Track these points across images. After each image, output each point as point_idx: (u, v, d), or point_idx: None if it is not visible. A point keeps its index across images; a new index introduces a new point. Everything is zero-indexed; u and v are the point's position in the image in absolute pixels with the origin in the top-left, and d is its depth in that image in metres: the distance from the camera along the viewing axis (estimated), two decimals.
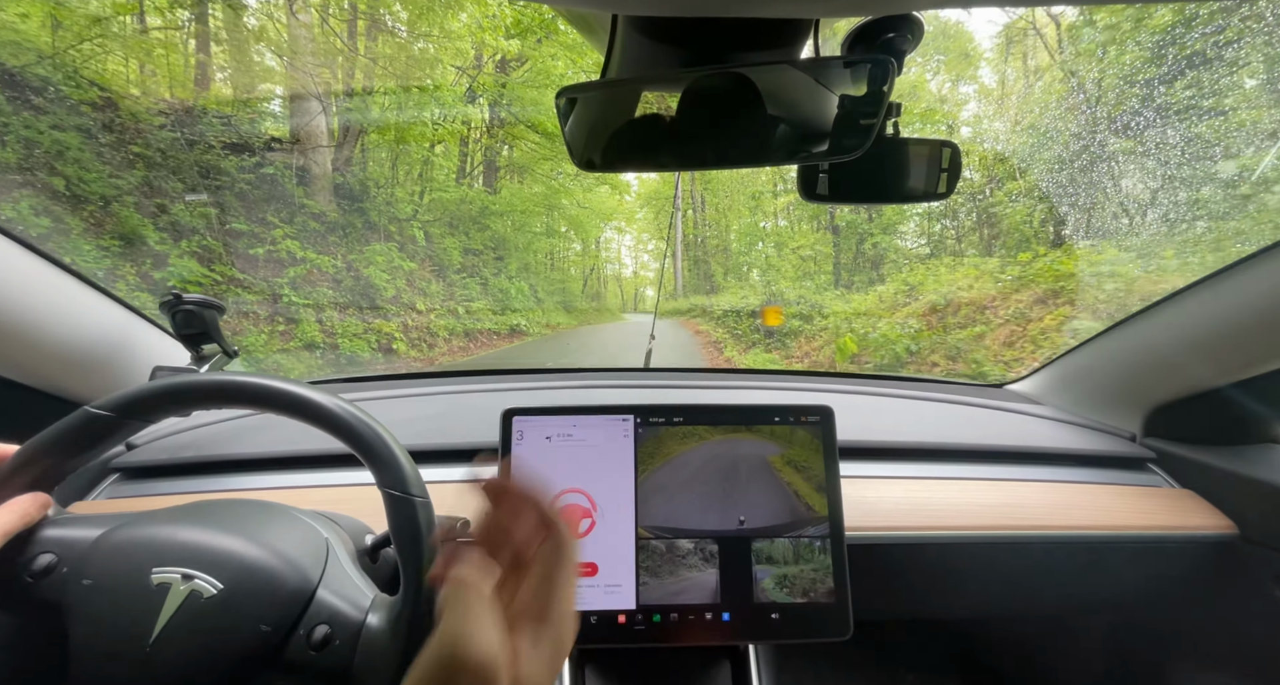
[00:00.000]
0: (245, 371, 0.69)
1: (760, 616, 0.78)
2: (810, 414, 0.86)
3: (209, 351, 1.07)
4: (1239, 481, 0.98)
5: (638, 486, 0.82)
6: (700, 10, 0.42)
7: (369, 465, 0.60)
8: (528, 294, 13.21)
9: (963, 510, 0.96)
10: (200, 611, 0.53)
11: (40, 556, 0.56)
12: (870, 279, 10.63)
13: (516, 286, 12.65)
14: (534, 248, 15.33)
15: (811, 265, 12.61)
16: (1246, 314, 0.88)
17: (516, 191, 14.16)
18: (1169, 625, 1.12)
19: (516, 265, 13.55)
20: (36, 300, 0.87)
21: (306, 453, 1.00)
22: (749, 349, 9.95)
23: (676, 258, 18.79)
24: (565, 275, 20.37)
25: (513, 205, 13.64)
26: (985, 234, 8.78)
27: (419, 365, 7.70)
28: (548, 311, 14.38)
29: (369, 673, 0.54)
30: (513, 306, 11.88)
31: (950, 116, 10.95)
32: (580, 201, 16.70)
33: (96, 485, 0.98)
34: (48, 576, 0.55)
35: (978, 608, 1.17)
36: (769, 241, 14.95)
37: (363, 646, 0.55)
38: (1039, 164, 6.89)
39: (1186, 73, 4.57)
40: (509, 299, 12.00)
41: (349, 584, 0.60)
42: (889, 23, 0.58)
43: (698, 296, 17.42)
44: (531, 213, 14.46)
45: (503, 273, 12.59)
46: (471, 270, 11.40)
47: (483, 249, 12.07)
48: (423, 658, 0.37)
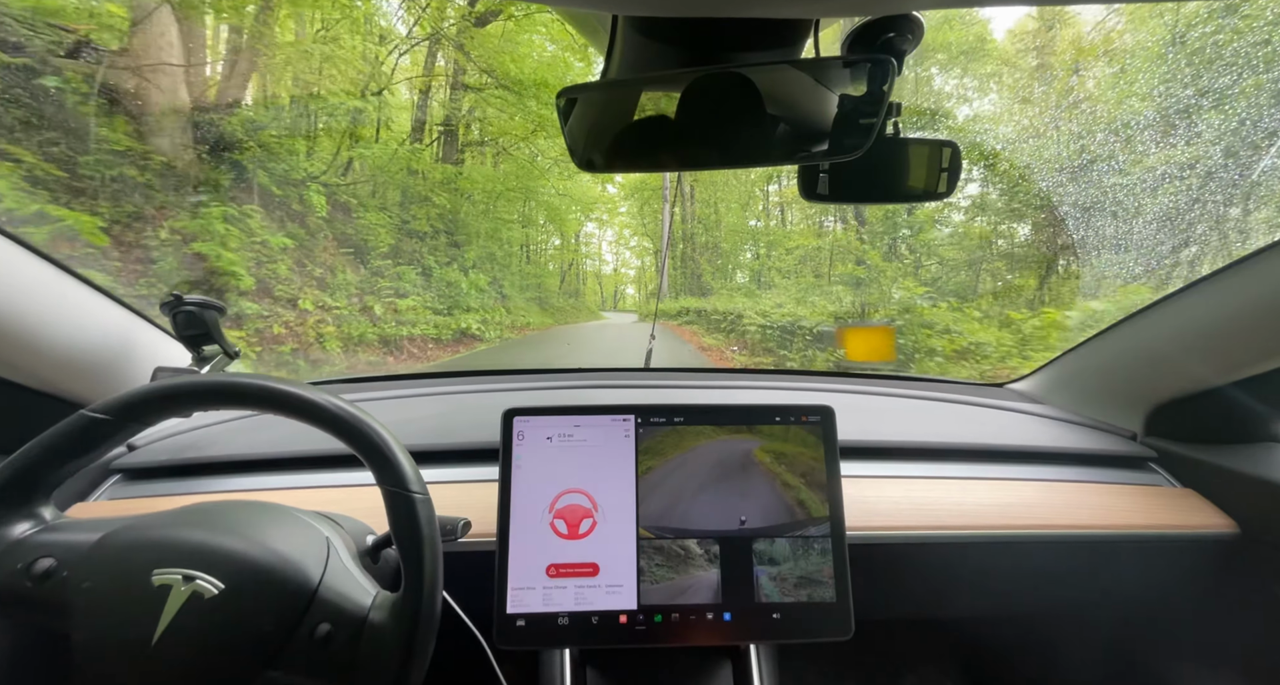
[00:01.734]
0: (243, 373, 0.69)
1: (762, 616, 0.78)
2: (811, 414, 0.86)
3: (210, 352, 1.07)
4: (1240, 480, 0.97)
5: (639, 486, 0.82)
6: (700, 10, 0.42)
7: (368, 464, 0.61)
8: (488, 290, 11.03)
9: (964, 510, 0.96)
10: (202, 611, 0.53)
11: (40, 561, 0.56)
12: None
13: (472, 280, 10.25)
14: (503, 237, 13.24)
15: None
16: (1247, 312, 0.88)
17: (487, 172, 12.11)
18: (1170, 624, 1.12)
19: (477, 254, 11.31)
20: (38, 302, 0.88)
21: (308, 453, 1.00)
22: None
23: (664, 251, 17.68)
24: (542, 270, 18.74)
25: (481, 184, 11.60)
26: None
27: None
28: (515, 310, 12.44)
29: (373, 669, 0.55)
30: (464, 305, 9.55)
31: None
32: (560, 190, 15.12)
33: (98, 486, 0.98)
34: (48, 580, 0.56)
35: (979, 608, 1.17)
36: (763, 240, 14.38)
37: (366, 643, 0.55)
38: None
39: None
40: (459, 295, 9.60)
41: (351, 582, 0.60)
42: (889, 22, 0.58)
43: (690, 298, 15.81)
44: (504, 195, 12.62)
45: (455, 262, 10.16)
46: (410, 257, 8.87)
47: (430, 231, 9.82)
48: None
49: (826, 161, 0.71)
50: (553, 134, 11.15)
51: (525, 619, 0.77)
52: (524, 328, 12.61)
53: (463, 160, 11.71)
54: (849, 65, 0.58)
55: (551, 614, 0.77)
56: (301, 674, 0.55)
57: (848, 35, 0.62)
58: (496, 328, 10.40)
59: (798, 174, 0.76)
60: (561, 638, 0.77)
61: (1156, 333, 1.05)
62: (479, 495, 0.92)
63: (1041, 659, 1.37)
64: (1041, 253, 7.77)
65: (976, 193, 8.67)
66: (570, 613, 0.77)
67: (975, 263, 9.01)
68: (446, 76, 10.65)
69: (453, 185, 10.79)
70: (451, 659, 0.80)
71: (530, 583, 0.78)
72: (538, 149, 12.55)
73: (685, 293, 17.29)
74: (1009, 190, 8.18)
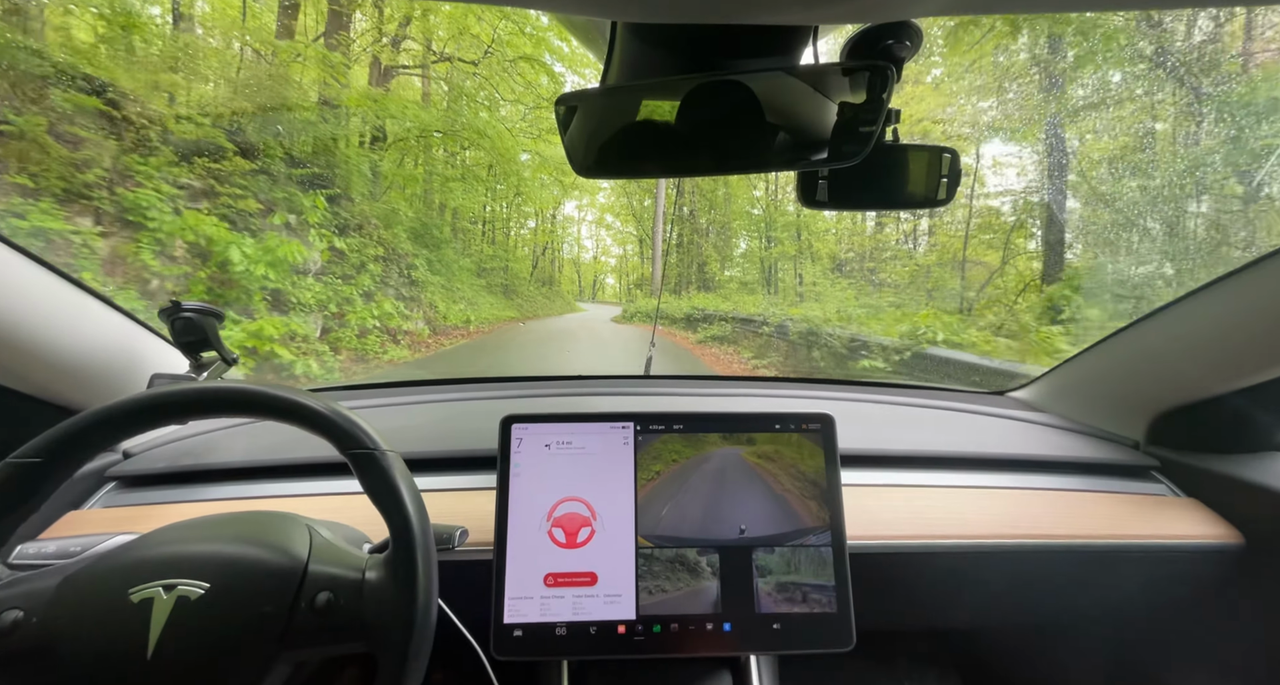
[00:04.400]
0: (186, 381, 0.67)
1: (762, 626, 0.78)
2: (811, 422, 0.85)
3: (208, 359, 1.07)
4: (1244, 490, 0.97)
5: (637, 495, 0.82)
6: (699, 17, 0.42)
7: (324, 437, 0.60)
8: (401, 287, 7.79)
9: (965, 519, 0.95)
10: (193, 612, 0.53)
11: (4, 614, 0.54)
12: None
13: (369, 277, 6.94)
14: (448, 203, 10.29)
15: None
16: (1251, 320, 0.88)
17: (431, 109, 8.87)
18: (1174, 635, 1.11)
19: (411, 231, 8.39)
20: (37, 308, 0.87)
21: (307, 461, 1.00)
22: None
23: (656, 234, 14.68)
24: (510, 253, 16.08)
25: (408, 115, 8.39)
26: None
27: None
28: (459, 300, 9.51)
29: (380, 621, 0.56)
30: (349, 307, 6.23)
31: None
32: (537, 151, 12.08)
33: (92, 495, 0.98)
34: (18, 631, 0.54)
35: (981, 618, 1.16)
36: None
37: (368, 600, 0.56)
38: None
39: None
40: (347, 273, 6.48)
41: (339, 553, 0.61)
42: (887, 30, 0.58)
43: (702, 295, 12.16)
44: (447, 144, 9.58)
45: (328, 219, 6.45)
46: (237, 221, 5.27)
47: (315, 176, 6.53)
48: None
49: (826, 168, 0.71)
50: (525, 73, 9.27)
51: (523, 629, 0.76)
52: (483, 326, 9.83)
53: (394, 88, 8.61)
54: (848, 72, 0.58)
55: (549, 624, 0.76)
56: (317, 645, 0.56)
57: (847, 43, 0.62)
58: (405, 330, 7.26)
59: (796, 181, 0.76)
60: (559, 648, 0.76)
61: (1158, 340, 1.04)
62: (476, 503, 0.91)
63: (1044, 670, 1.35)
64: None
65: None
66: (568, 623, 0.77)
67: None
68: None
69: (372, 119, 7.69)
70: (449, 670, 0.79)
71: (528, 592, 0.77)
72: (503, 92, 9.56)
73: (685, 287, 14.97)
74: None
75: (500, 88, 10.87)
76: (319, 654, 0.57)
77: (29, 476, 0.56)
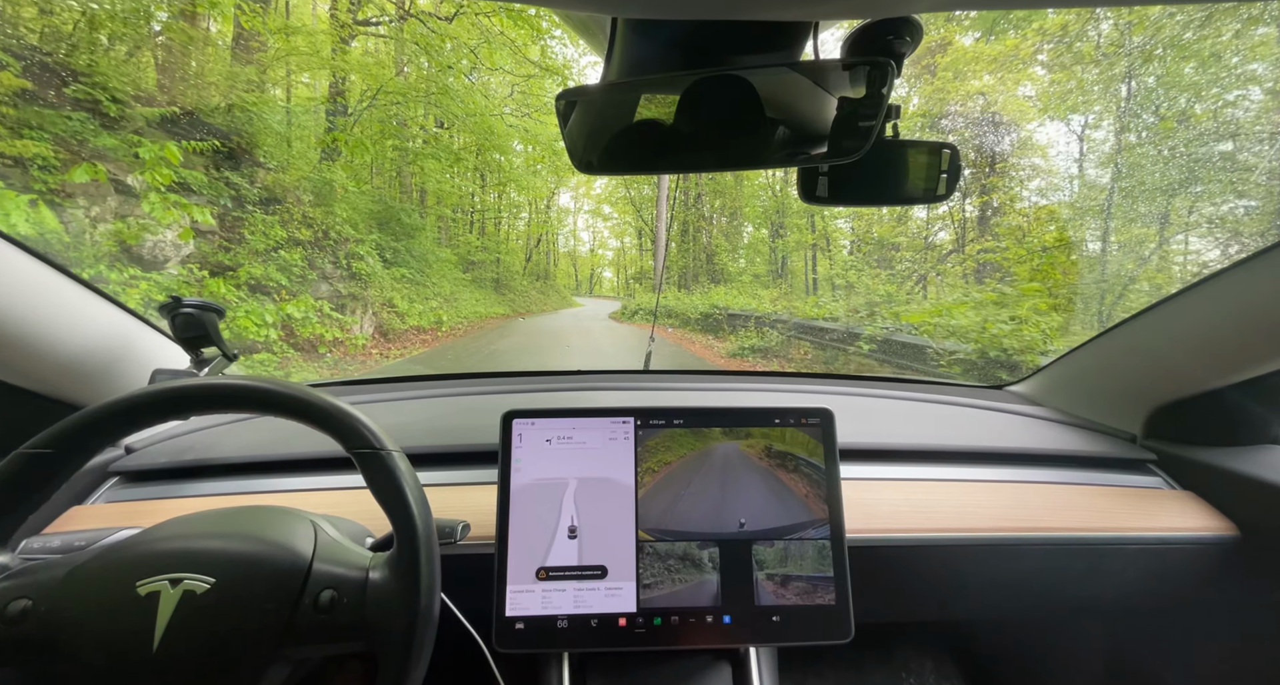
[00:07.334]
0: (190, 376, 0.67)
1: (761, 619, 0.78)
2: (810, 416, 0.86)
3: (209, 355, 1.07)
4: (1240, 483, 0.97)
5: (638, 489, 0.82)
6: (699, 13, 0.42)
7: (330, 434, 0.60)
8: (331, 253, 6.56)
9: (963, 512, 0.96)
10: (199, 607, 0.54)
11: (12, 603, 0.54)
12: None
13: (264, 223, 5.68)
14: (429, 186, 9.22)
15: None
16: (1247, 314, 0.88)
17: (388, 69, 7.65)
18: (1170, 627, 1.12)
19: (372, 214, 7.32)
20: (38, 305, 0.87)
21: (311, 455, 1.00)
22: None
23: (660, 222, 13.14)
24: (501, 245, 14.91)
25: (370, 73, 7.38)
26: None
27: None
28: (431, 297, 8.46)
29: (383, 622, 0.56)
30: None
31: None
32: (528, 129, 10.73)
33: (95, 489, 0.98)
34: (26, 620, 0.54)
35: (978, 610, 1.17)
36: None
37: (371, 600, 0.57)
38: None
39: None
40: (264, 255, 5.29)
41: (343, 551, 0.61)
42: (888, 25, 0.58)
43: (719, 289, 10.44)
44: (411, 111, 8.25)
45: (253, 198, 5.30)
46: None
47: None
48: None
49: (826, 164, 0.72)
50: (513, 49, 7.87)
51: (524, 622, 0.77)
52: (461, 325, 8.58)
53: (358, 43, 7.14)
54: (848, 68, 0.58)
55: (550, 617, 0.77)
56: (319, 642, 0.56)
57: (847, 38, 0.62)
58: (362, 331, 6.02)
59: (797, 176, 0.76)
60: (560, 640, 0.77)
61: (1156, 335, 1.05)
62: (478, 498, 0.92)
63: (1041, 662, 1.37)
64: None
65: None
66: (569, 615, 0.77)
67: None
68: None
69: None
70: (450, 662, 0.80)
71: (529, 585, 0.78)
72: (486, 59, 7.96)
73: (692, 280, 13.91)
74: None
75: (485, 56, 9.20)
76: (320, 652, 0.57)
77: (40, 466, 0.57)
